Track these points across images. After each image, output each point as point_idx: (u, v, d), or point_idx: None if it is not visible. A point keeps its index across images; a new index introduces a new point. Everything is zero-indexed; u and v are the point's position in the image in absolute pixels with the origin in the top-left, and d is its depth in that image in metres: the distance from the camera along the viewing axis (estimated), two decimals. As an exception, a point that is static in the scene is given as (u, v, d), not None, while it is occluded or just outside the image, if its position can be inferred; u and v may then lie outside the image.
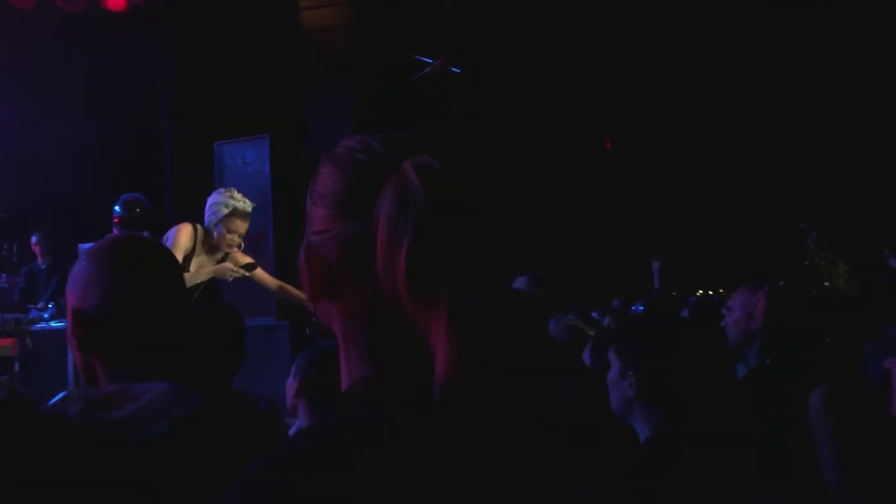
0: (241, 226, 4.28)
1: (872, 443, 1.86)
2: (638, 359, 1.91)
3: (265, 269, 4.76)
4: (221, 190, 4.34)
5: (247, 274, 4.33)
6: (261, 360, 4.83)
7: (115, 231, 5.10)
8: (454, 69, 8.75)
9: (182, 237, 4.20)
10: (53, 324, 5.67)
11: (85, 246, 5.18)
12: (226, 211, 4.22)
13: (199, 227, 4.28)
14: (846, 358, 2.25)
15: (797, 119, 10.28)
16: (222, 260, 4.34)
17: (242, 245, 4.38)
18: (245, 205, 4.26)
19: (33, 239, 6.86)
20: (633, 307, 5.86)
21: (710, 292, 8.93)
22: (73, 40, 7.60)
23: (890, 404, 1.67)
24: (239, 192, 4.33)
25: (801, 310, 2.52)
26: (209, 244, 4.29)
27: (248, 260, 4.44)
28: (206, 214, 4.28)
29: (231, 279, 4.28)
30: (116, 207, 5.17)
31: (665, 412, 1.88)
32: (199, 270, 4.23)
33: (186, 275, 4.05)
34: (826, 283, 2.54)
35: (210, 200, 4.30)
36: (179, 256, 4.11)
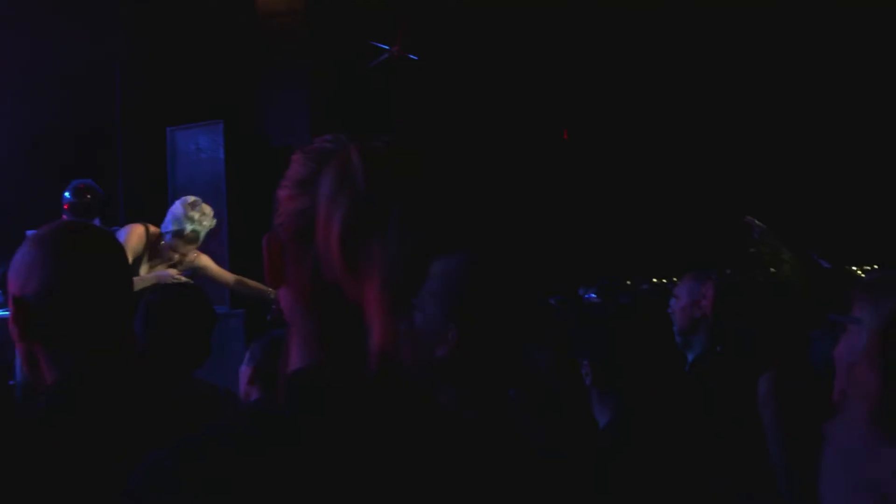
0: (184, 247, 4.14)
1: (818, 428, 1.91)
2: (591, 348, 1.93)
3: (220, 256, 4.68)
4: (188, 199, 4.17)
5: (189, 280, 4.19)
6: (215, 349, 4.74)
7: (65, 218, 4.98)
8: (411, 56, 8.70)
9: (132, 239, 4.08)
10: (0, 312, 5.54)
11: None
12: (175, 227, 4.10)
13: (150, 228, 4.16)
14: (793, 344, 2.30)
15: (749, 113, 10.46)
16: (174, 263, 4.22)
17: (195, 257, 4.26)
18: (196, 229, 4.09)
19: (-23, 226, 6.67)
20: (587, 295, 5.90)
21: (664, 280, 9.05)
22: (20, 19, 7.37)
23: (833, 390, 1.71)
24: (203, 202, 4.16)
25: (748, 297, 2.56)
26: (159, 247, 4.18)
27: (203, 260, 4.34)
28: (165, 218, 4.17)
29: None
30: (66, 194, 5.04)
31: (619, 400, 1.90)
32: (141, 276, 4.09)
33: None
34: (772, 270, 2.59)
35: (172, 206, 4.16)
36: (129, 259, 3.99)
